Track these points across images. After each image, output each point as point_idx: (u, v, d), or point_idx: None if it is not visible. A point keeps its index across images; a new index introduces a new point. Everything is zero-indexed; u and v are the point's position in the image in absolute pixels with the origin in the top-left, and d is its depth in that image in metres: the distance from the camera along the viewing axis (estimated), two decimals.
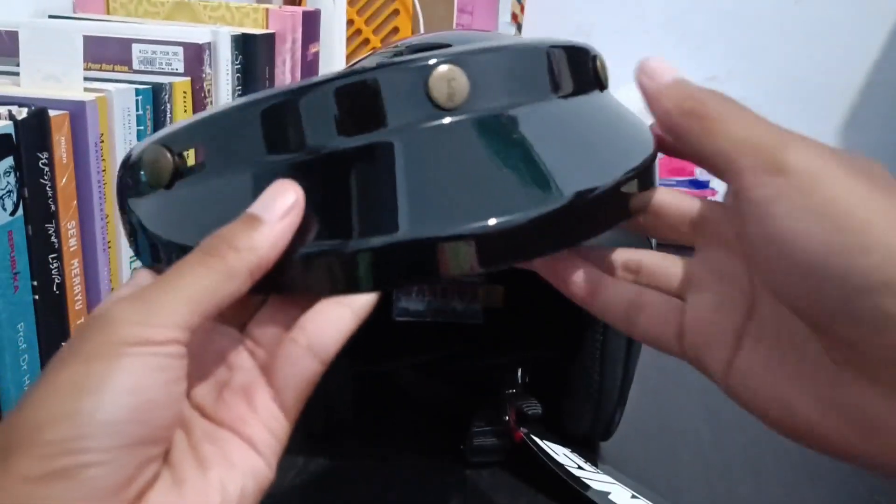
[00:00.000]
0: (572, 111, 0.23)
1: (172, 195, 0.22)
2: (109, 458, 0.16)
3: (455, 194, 0.20)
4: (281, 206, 0.19)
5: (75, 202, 0.33)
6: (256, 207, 0.19)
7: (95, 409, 0.16)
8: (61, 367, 0.16)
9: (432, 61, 0.21)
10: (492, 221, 0.19)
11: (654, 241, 0.30)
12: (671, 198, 0.22)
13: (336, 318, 0.19)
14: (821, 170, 0.16)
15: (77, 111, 0.32)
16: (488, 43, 0.24)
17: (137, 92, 0.36)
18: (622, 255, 0.23)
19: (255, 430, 0.19)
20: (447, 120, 0.21)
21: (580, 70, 0.24)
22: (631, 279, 0.22)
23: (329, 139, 0.21)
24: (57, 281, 0.32)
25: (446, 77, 0.21)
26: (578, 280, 0.22)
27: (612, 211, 0.21)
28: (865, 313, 0.15)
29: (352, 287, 0.19)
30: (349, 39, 0.65)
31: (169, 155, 0.23)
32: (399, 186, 0.20)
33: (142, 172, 0.23)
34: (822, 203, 0.16)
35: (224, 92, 0.42)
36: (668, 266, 0.22)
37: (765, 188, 0.17)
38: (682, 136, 0.19)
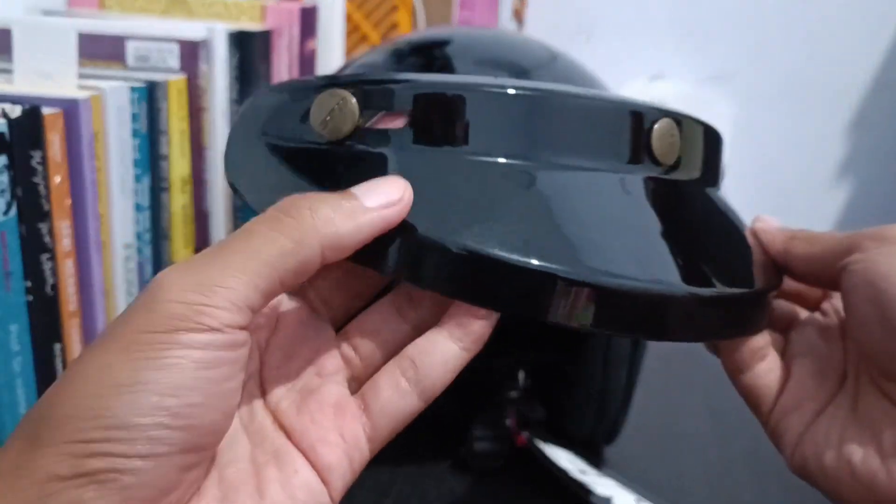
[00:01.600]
0: (717, 204, 0.24)
1: (341, 152, 0.20)
2: (146, 467, 0.13)
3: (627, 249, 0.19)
4: (383, 197, 0.17)
5: (69, 201, 0.32)
6: (359, 188, 0.17)
7: (128, 412, 0.13)
8: (99, 351, 0.14)
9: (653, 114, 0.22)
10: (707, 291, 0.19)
11: None
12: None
13: (447, 356, 0.17)
14: None
15: (71, 109, 0.32)
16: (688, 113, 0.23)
17: (132, 90, 0.36)
18: None
19: (335, 458, 0.17)
20: (653, 174, 0.22)
21: (715, 160, 0.25)
22: None
23: (543, 153, 0.20)
24: (50, 281, 0.31)
25: (668, 132, 0.22)
26: None
27: (750, 317, 0.22)
28: None
29: (471, 294, 0.17)
30: (347, 35, 0.64)
31: (357, 108, 0.20)
32: (579, 220, 0.19)
33: (311, 115, 0.20)
34: None
35: (220, 89, 0.42)
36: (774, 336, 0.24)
37: (871, 249, 0.19)
38: (791, 252, 0.22)
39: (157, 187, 0.39)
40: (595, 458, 0.36)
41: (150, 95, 0.37)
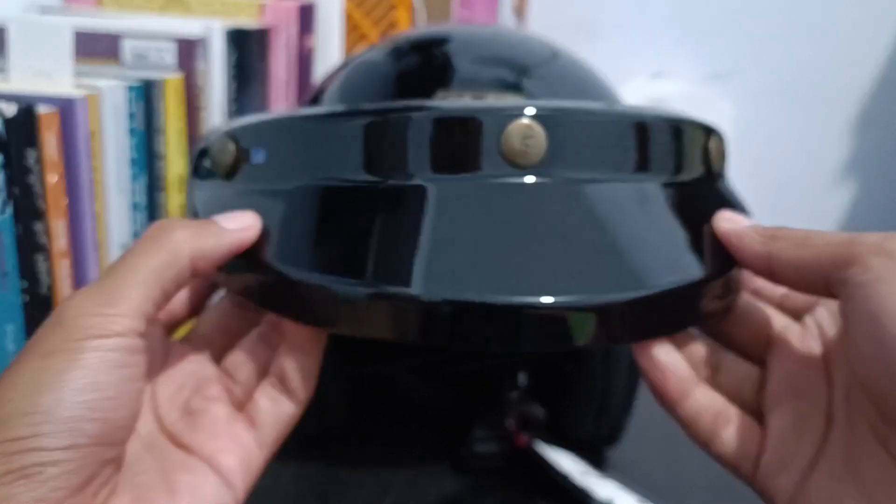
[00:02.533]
0: (661, 198, 0.22)
1: (228, 186, 0.23)
2: (67, 458, 0.16)
3: (526, 263, 0.19)
4: (238, 223, 0.21)
5: (65, 201, 0.32)
6: (220, 217, 0.21)
7: (54, 407, 0.16)
8: (22, 363, 0.17)
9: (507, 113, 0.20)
10: (547, 300, 0.18)
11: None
12: (747, 307, 0.22)
13: (304, 363, 0.21)
14: None
15: (67, 108, 0.31)
16: (579, 104, 0.23)
17: (129, 89, 0.35)
18: (703, 350, 0.22)
19: (232, 463, 0.20)
20: (528, 179, 0.20)
21: (685, 152, 0.23)
22: (705, 375, 0.21)
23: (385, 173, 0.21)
24: (46, 281, 0.31)
25: (523, 133, 0.20)
26: (673, 378, 0.21)
27: (686, 312, 0.20)
28: None
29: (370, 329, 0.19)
30: (346, 33, 0.64)
31: (233, 147, 0.23)
32: (438, 236, 0.19)
33: (207, 159, 0.24)
34: None
35: (218, 87, 0.41)
36: (746, 373, 0.21)
37: (875, 270, 0.17)
38: (775, 257, 0.20)
39: (153, 186, 0.39)
40: (596, 460, 0.35)
41: (147, 94, 0.37)
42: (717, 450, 0.20)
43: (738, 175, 1.10)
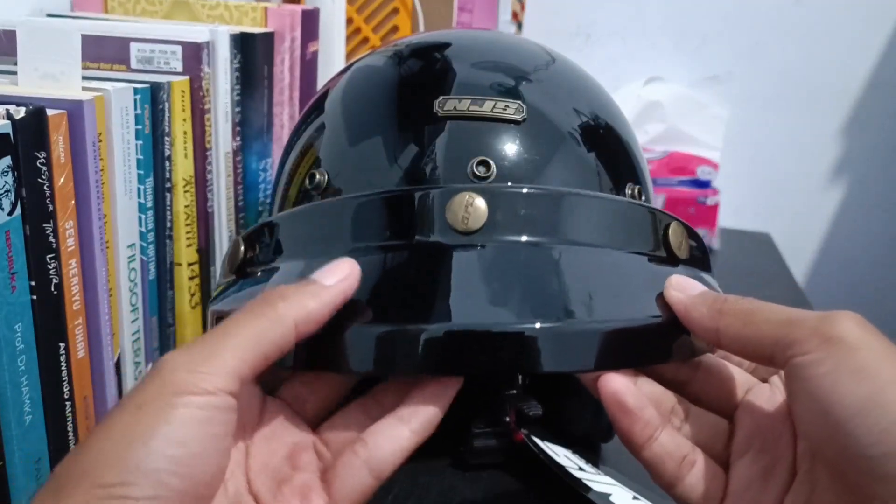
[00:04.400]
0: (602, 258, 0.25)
1: (241, 280, 0.27)
2: None
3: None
4: (335, 274, 0.21)
5: (73, 202, 0.33)
6: (317, 273, 0.21)
7: (142, 459, 0.16)
8: (117, 414, 0.18)
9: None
10: (538, 325, 0.21)
11: None
12: (715, 367, 0.23)
13: (396, 435, 0.21)
14: (862, 339, 0.18)
15: (75, 110, 0.32)
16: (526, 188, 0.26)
17: (136, 91, 0.36)
18: (671, 400, 0.23)
19: None
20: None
21: (633, 229, 0.26)
22: (677, 424, 0.22)
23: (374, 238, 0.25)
24: (55, 281, 0.32)
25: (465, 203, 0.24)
26: (640, 422, 0.22)
27: (641, 347, 0.23)
28: (884, 471, 0.16)
29: (408, 367, 0.22)
30: (348, 38, 0.64)
31: (242, 248, 0.28)
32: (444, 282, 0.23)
33: (226, 261, 0.28)
34: (860, 365, 0.17)
35: (223, 90, 0.42)
36: (714, 423, 0.22)
37: (812, 354, 0.18)
38: (722, 332, 0.21)
39: (160, 188, 0.39)
40: (593, 455, 0.36)
41: (154, 97, 0.37)
42: (680, 492, 0.21)
43: (731, 176, 1.11)
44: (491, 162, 0.29)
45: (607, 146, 0.32)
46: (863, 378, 0.17)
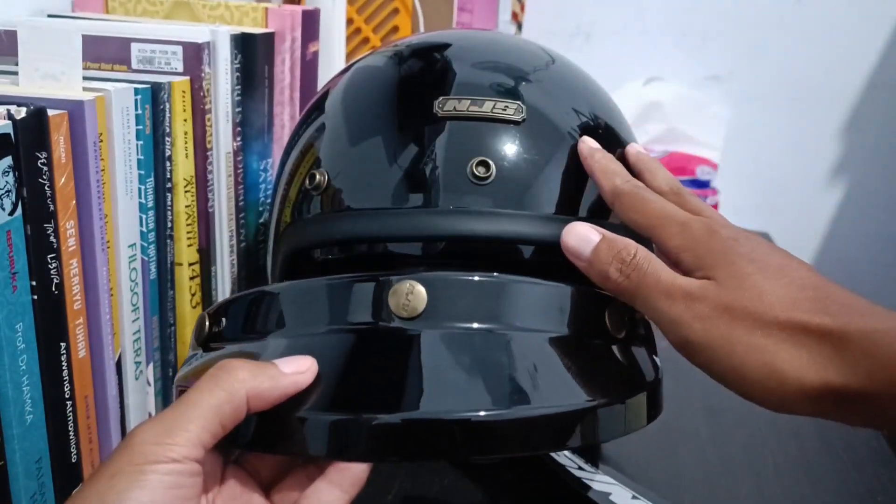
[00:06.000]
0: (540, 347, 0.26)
1: (206, 354, 0.28)
2: None
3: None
4: (295, 365, 0.23)
5: (74, 202, 0.33)
6: (280, 360, 0.23)
7: None
8: (92, 484, 0.19)
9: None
10: (482, 413, 0.22)
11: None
12: None
13: (329, 498, 0.23)
14: (713, 308, 0.24)
15: (76, 111, 0.32)
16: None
17: (136, 91, 0.36)
18: None
19: None
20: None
21: (570, 313, 0.27)
22: None
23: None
24: (56, 281, 0.32)
25: (406, 291, 0.25)
26: None
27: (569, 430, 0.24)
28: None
29: (355, 455, 0.23)
30: (349, 38, 0.64)
31: (207, 323, 0.29)
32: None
33: (193, 335, 0.30)
34: (725, 336, 0.23)
35: (223, 91, 0.42)
36: None
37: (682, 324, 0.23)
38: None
39: (161, 188, 0.39)
40: (592, 455, 0.36)
41: (154, 97, 0.37)
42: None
43: (731, 176, 1.11)
44: (490, 162, 0.29)
45: (606, 146, 0.32)
46: (725, 342, 0.22)
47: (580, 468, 0.34)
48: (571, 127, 0.32)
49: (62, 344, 0.33)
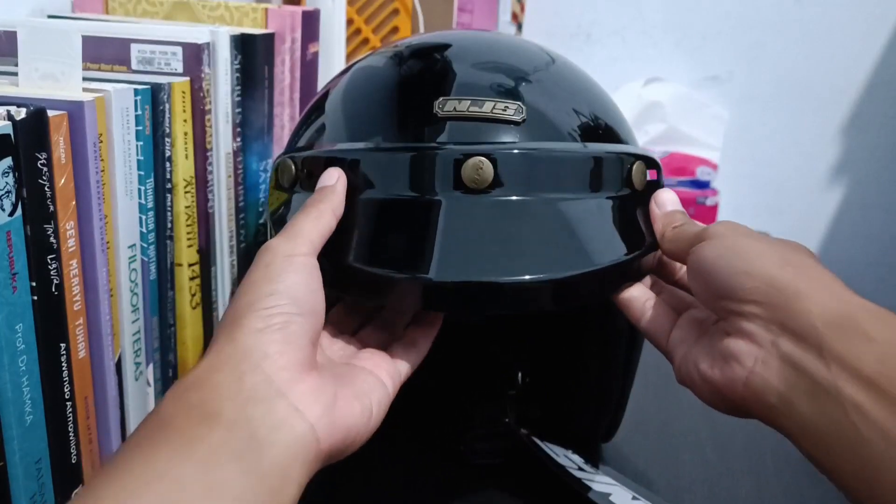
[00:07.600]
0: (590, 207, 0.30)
1: (293, 196, 0.33)
2: (300, 320, 0.25)
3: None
4: (332, 177, 0.31)
5: (74, 203, 0.33)
6: (321, 181, 0.31)
7: (286, 289, 0.25)
8: (252, 273, 0.26)
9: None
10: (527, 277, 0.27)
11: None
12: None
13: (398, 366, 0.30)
14: (727, 231, 0.28)
15: (76, 111, 0.32)
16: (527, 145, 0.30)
17: (136, 92, 0.36)
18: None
19: (384, 375, 0.29)
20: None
21: (610, 175, 0.31)
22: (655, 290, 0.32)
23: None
24: (55, 281, 0.32)
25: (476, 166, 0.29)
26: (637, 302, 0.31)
27: (618, 279, 0.30)
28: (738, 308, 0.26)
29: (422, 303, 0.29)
30: (349, 39, 0.64)
31: (293, 168, 0.33)
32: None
33: (278, 174, 0.34)
34: (730, 246, 0.27)
35: (223, 92, 0.42)
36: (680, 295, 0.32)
37: (700, 246, 0.28)
38: (664, 238, 0.31)
39: (161, 188, 0.39)
40: (593, 456, 0.36)
41: (154, 98, 0.37)
42: (645, 325, 0.30)
43: (731, 176, 1.11)
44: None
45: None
46: (727, 249, 0.27)
47: (580, 469, 0.34)
48: (571, 127, 0.32)
49: (62, 344, 0.33)
